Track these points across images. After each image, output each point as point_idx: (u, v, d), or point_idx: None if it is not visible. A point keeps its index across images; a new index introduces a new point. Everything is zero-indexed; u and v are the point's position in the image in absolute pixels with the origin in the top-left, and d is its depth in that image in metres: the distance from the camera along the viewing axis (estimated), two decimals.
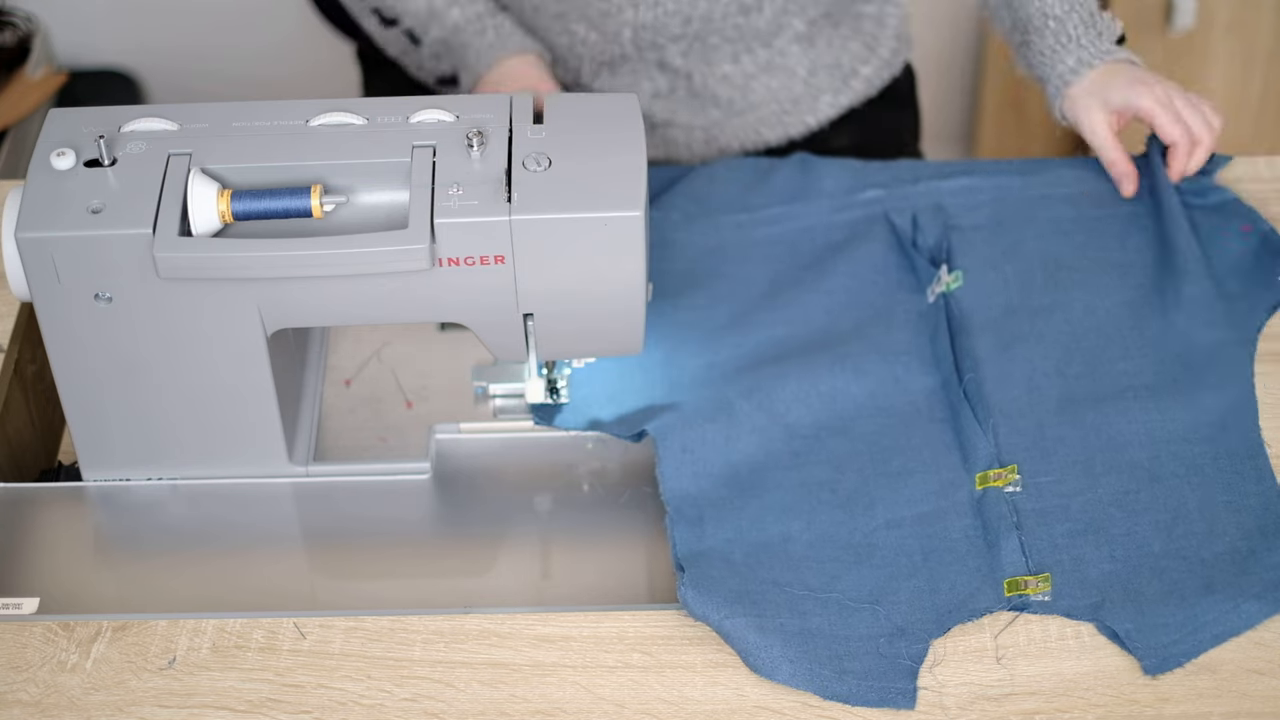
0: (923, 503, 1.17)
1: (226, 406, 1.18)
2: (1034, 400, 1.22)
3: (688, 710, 1.07)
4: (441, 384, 1.31)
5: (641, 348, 1.19)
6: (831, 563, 1.13)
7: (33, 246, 1.10)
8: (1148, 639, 1.08)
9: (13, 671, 1.09)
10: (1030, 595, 1.11)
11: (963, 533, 1.15)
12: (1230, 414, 1.21)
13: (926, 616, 1.10)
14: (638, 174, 1.12)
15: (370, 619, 1.12)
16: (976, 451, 1.19)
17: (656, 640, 1.11)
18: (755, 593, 1.11)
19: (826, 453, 1.21)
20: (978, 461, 1.19)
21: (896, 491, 1.18)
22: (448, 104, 1.16)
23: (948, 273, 1.31)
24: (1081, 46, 1.37)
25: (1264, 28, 2.27)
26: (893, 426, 1.22)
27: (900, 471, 1.19)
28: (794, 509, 1.17)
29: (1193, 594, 1.10)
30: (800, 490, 1.18)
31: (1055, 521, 1.15)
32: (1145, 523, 1.15)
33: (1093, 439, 1.20)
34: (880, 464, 1.20)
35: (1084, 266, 1.32)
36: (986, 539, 1.14)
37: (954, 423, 1.22)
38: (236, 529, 1.20)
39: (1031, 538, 1.14)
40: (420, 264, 1.10)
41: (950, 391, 1.24)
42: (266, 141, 1.14)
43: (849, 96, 1.59)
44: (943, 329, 1.28)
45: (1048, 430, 1.20)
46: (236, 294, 1.12)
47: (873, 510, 1.17)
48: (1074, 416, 1.21)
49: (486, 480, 1.24)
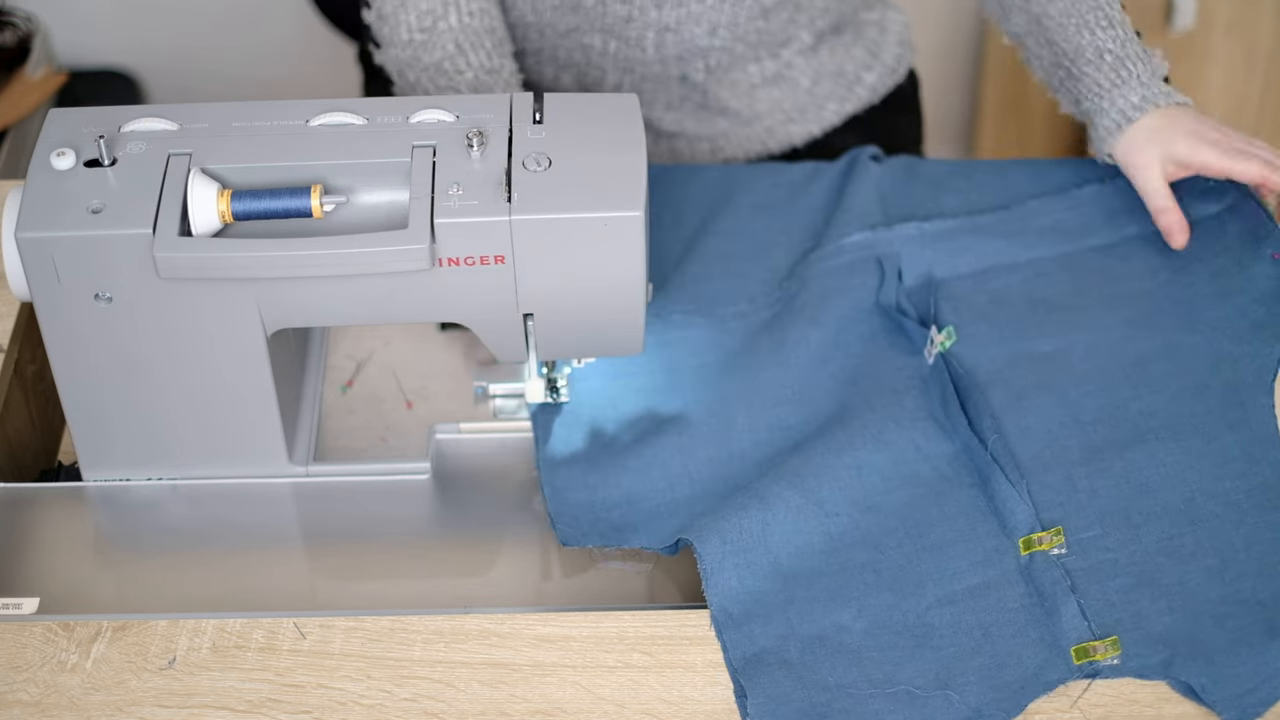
0: (970, 575, 1.13)
1: (226, 406, 1.18)
2: (1057, 453, 1.19)
3: (688, 710, 1.07)
4: (441, 384, 1.31)
5: (642, 348, 1.19)
6: (891, 650, 1.09)
7: (33, 246, 1.10)
8: (1223, 691, 1.06)
9: (13, 671, 1.09)
10: (1100, 661, 1.08)
11: (1018, 602, 1.11)
12: (1256, 446, 1.18)
13: (1000, 695, 1.07)
14: (638, 174, 1.12)
15: (370, 619, 1.12)
16: (1014, 515, 1.15)
17: (656, 640, 1.11)
18: (822, 704, 1.06)
19: (862, 531, 1.16)
20: (1018, 526, 1.15)
21: (941, 566, 1.14)
22: (448, 104, 1.16)
23: (938, 331, 1.27)
24: (1144, 84, 1.34)
25: (1264, 28, 2.27)
26: (923, 496, 1.18)
27: (941, 543, 1.15)
28: (841, 595, 1.12)
29: (1259, 640, 1.08)
30: (843, 574, 1.14)
31: (1107, 578, 1.12)
32: (1195, 569, 1.12)
33: (1124, 487, 1.17)
34: (919, 537, 1.15)
35: (1074, 306, 1.30)
36: (1044, 606, 1.11)
37: (984, 487, 1.18)
38: (236, 529, 1.20)
39: (1088, 599, 1.11)
40: (420, 264, 1.10)
41: (973, 454, 1.20)
42: (266, 141, 1.14)
43: (853, 104, 1.59)
44: (949, 390, 1.24)
45: (1078, 483, 1.17)
46: (236, 294, 1.12)
47: (922, 588, 1.13)
48: (1101, 466, 1.18)
49: (486, 480, 1.24)
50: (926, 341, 1.27)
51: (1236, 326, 1.26)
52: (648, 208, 1.12)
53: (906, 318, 1.29)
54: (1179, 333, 1.26)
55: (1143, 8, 2.27)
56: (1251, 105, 2.34)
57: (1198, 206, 1.34)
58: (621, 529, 1.18)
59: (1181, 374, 1.23)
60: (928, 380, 1.26)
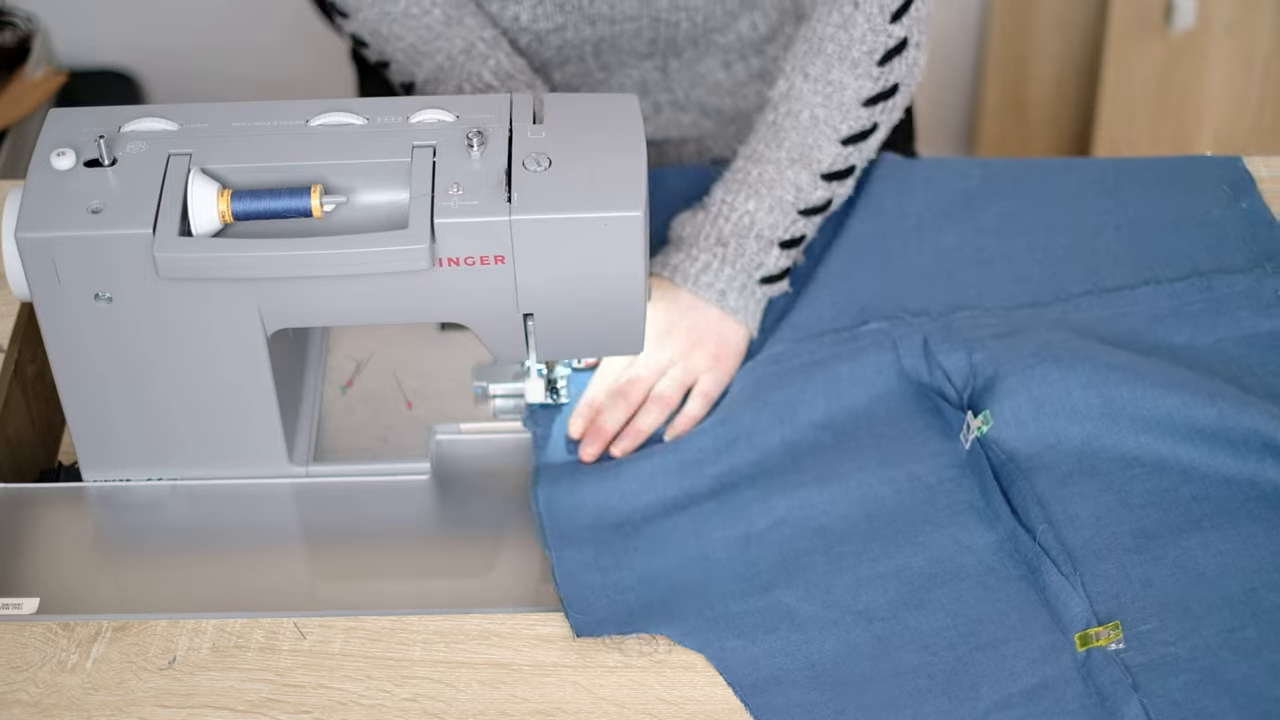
0: (1027, 675, 1.07)
1: (227, 406, 1.18)
2: (1108, 541, 1.12)
3: (688, 710, 1.07)
4: (441, 384, 1.31)
5: (642, 348, 1.19)
6: None
7: (33, 246, 1.10)
8: None
9: (13, 671, 1.09)
10: None
11: (1078, 703, 1.05)
12: None
13: None
14: (638, 174, 1.12)
15: (370, 619, 1.12)
16: (1068, 609, 1.09)
17: (657, 640, 1.11)
18: None
19: (910, 633, 1.10)
20: (1073, 620, 1.09)
21: (997, 666, 1.07)
22: (448, 104, 1.16)
23: (974, 416, 1.20)
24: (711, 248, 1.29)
25: (1264, 28, 2.27)
26: (971, 590, 1.12)
27: (993, 642, 1.08)
28: (894, 703, 1.06)
29: None
30: (894, 680, 1.07)
31: (1169, 675, 1.05)
32: (1261, 664, 1.05)
33: (1180, 576, 1.10)
34: (970, 637, 1.09)
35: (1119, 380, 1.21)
36: (1105, 706, 1.05)
37: (1033, 579, 1.12)
38: (236, 529, 1.20)
39: (1150, 698, 1.04)
40: (420, 264, 1.10)
41: (1019, 544, 1.13)
42: (266, 141, 1.14)
43: None
44: (989, 478, 1.17)
45: (1132, 573, 1.10)
46: (236, 294, 1.12)
47: (977, 691, 1.06)
48: (1154, 554, 1.11)
49: (486, 480, 1.24)
50: (963, 426, 1.21)
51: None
52: (647, 208, 1.12)
53: (944, 399, 1.23)
54: (1232, 411, 1.18)
55: (1143, 8, 2.27)
56: (1251, 105, 2.34)
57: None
58: (637, 613, 1.12)
59: (1235, 460, 1.17)
60: (964, 467, 1.19)
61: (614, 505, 1.19)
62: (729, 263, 1.28)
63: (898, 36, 1.30)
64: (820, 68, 1.30)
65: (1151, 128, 2.36)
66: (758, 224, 1.29)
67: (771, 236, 1.29)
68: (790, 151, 1.30)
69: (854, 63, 1.29)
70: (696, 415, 1.25)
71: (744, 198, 1.30)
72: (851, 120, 1.30)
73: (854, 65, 1.29)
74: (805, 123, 1.30)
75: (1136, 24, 2.28)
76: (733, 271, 1.28)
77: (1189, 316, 1.28)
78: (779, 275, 1.30)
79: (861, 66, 1.30)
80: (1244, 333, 1.27)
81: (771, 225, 1.29)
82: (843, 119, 1.30)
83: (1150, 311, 1.29)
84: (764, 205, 1.29)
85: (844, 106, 1.30)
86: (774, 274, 1.30)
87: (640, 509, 1.19)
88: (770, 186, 1.30)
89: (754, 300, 1.29)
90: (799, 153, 1.30)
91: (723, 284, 1.28)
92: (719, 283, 1.28)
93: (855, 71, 1.30)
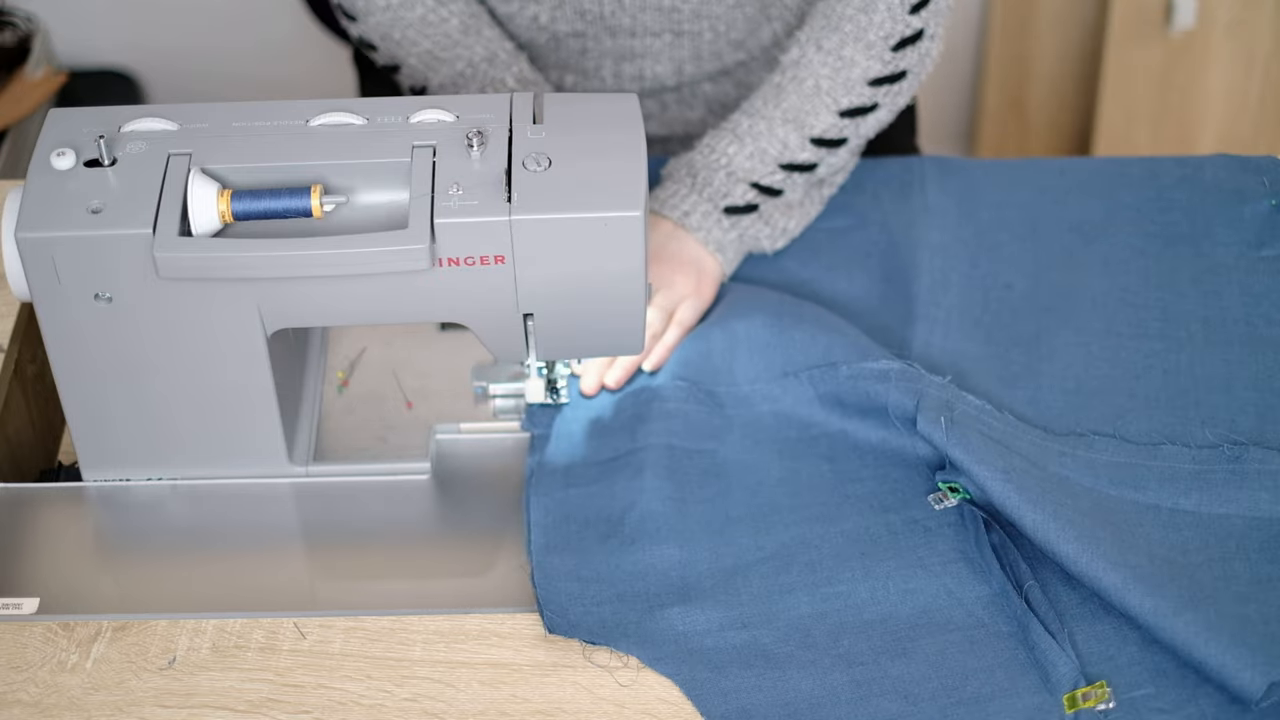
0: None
1: (227, 406, 1.18)
2: (1103, 601, 1.10)
3: (688, 710, 1.07)
4: (441, 384, 1.31)
5: (642, 347, 1.19)
6: None
7: (33, 246, 1.10)
8: None
9: (13, 671, 1.09)
10: None
11: None
12: None
13: None
14: (638, 174, 1.12)
15: (370, 619, 1.12)
16: (1056, 668, 1.06)
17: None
18: None
19: (891, 681, 1.07)
20: (1061, 680, 1.06)
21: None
22: (448, 104, 1.16)
23: (947, 490, 1.17)
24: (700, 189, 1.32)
25: (1264, 28, 2.27)
26: (957, 645, 1.09)
27: (977, 698, 1.06)
28: None
29: None
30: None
31: None
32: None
33: None
34: (953, 690, 1.06)
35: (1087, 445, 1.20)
36: None
37: (1022, 636, 1.09)
38: (236, 529, 1.20)
39: None
40: (420, 264, 1.10)
41: (1011, 600, 1.10)
42: (266, 141, 1.14)
43: None
44: (981, 530, 1.14)
45: (1128, 635, 1.08)
46: (236, 294, 1.12)
47: None
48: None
49: (486, 480, 1.24)
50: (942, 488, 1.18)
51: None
52: (647, 208, 1.12)
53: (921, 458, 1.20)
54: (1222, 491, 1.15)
55: (1143, 8, 2.27)
56: (1251, 105, 2.34)
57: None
58: (611, 627, 1.10)
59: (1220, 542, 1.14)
60: (964, 513, 1.16)
61: (604, 518, 1.18)
62: (695, 190, 1.33)
63: (915, 27, 1.33)
64: (834, 42, 1.32)
65: (1152, 128, 2.36)
66: (732, 164, 1.33)
67: (743, 176, 1.33)
68: (786, 112, 1.33)
69: (869, 44, 1.32)
70: (671, 343, 1.29)
71: (727, 143, 1.34)
72: (854, 95, 1.33)
73: (868, 47, 1.32)
74: (808, 90, 1.32)
75: (1136, 24, 2.28)
76: (698, 198, 1.33)
77: (1209, 484, 1.19)
78: (745, 208, 1.33)
79: (875, 49, 1.32)
80: (1262, 514, 1.16)
81: (747, 170, 1.33)
82: (845, 93, 1.32)
83: (1168, 470, 1.20)
84: (744, 151, 1.33)
85: (849, 82, 1.32)
86: (739, 205, 1.33)
87: (629, 527, 1.17)
88: (756, 138, 1.33)
89: (719, 228, 1.33)
90: (794, 115, 1.33)
91: (687, 205, 1.33)
92: (684, 205, 1.33)
93: (869, 53, 1.32)
